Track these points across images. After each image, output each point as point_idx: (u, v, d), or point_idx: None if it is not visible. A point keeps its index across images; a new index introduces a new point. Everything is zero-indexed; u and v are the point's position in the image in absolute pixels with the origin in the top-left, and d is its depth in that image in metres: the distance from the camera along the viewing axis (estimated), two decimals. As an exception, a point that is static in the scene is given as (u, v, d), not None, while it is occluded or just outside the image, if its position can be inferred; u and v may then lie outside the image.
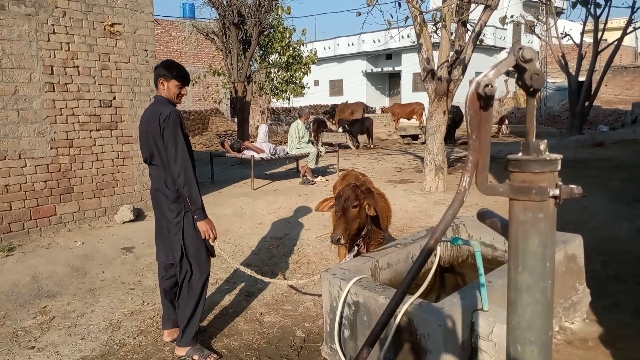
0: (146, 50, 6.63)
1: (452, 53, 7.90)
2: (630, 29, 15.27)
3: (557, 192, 1.01)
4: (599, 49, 16.14)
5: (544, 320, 1.08)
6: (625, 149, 12.64)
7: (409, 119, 22.61)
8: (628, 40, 28.42)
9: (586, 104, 16.70)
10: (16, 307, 4.14)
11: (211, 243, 3.32)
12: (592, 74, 16.25)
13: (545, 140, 1.06)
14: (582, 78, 17.13)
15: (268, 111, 20.35)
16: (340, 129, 17.06)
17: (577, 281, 3.38)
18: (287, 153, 9.46)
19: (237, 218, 6.68)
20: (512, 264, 1.09)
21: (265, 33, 15.23)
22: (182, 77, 3.31)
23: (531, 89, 1.03)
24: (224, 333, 3.77)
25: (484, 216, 1.33)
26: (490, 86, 1.01)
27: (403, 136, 19.01)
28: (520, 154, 1.07)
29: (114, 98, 6.34)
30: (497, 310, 2.69)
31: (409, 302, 2.65)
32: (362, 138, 17.22)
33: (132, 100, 6.55)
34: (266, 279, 3.67)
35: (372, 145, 16.75)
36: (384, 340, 2.74)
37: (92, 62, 6.10)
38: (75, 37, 5.94)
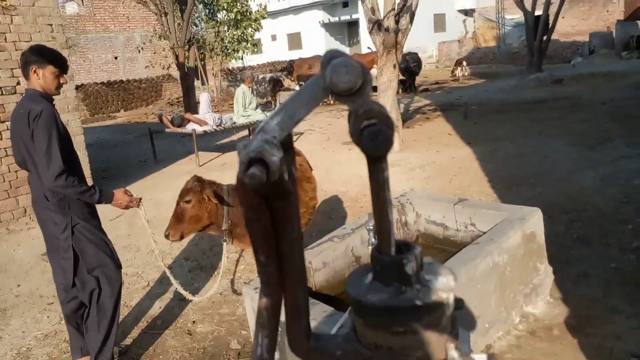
0: (51, 25, 5.77)
1: (398, 0, 7.25)
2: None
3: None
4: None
5: None
6: (584, 84, 12.34)
7: (369, 69, 21.86)
8: (584, -31, 27.83)
9: (544, 38, 16.21)
10: None
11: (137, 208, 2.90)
12: (548, 7, 15.71)
13: (419, 249, 0.52)
14: (539, 12, 16.58)
15: (221, 73, 19.29)
16: (298, 87, 16.26)
17: (538, 261, 2.98)
18: (234, 122, 8.76)
19: (177, 203, 6.09)
20: None
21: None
22: (60, 62, 2.75)
23: (367, 150, 0.50)
24: (148, 353, 3.29)
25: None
26: (262, 165, 0.46)
27: (363, 88, 18.32)
28: (368, 281, 0.53)
29: (18, 83, 5.53)
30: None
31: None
32: (321, 94, 16.48)
33: (41, 83, 5.73)
34: (184, 293, 3.18)
35: (332, 102, 16.04)
36: None
37: (-16, 43, 5.27)
38: (-41, 16, 5.09)
